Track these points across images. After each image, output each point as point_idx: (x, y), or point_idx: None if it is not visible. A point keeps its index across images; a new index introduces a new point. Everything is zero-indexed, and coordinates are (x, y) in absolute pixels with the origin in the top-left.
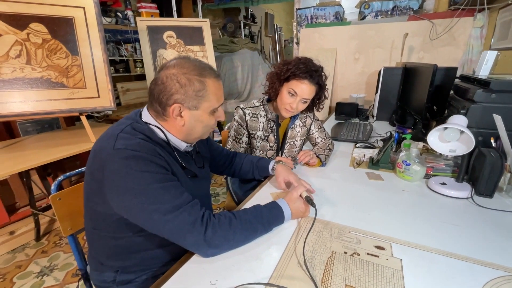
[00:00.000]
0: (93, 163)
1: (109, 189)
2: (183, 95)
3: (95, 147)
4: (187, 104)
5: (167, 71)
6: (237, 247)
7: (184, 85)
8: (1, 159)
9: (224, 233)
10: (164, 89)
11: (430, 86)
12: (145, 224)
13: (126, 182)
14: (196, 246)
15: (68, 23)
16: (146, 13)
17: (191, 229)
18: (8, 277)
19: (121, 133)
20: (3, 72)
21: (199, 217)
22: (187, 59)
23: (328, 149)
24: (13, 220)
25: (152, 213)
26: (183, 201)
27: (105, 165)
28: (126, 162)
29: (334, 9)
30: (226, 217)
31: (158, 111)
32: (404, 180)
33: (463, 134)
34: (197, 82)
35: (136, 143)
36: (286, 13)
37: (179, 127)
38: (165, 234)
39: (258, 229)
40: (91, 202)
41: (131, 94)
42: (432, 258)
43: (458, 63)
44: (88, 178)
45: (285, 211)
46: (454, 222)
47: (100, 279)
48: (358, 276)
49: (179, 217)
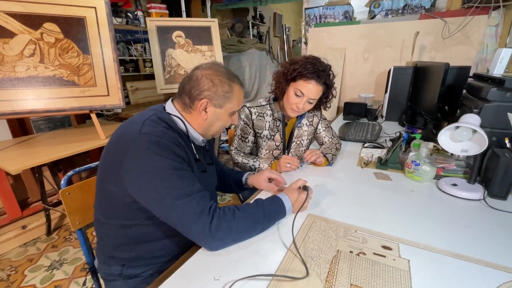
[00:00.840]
0: (116, 145)
1: (127, 169)
2: (214, 93)
3: (119, 131)
4: (214, 102)
5: (203, 71)
6: (241, 240)
7: (216, 85)
8: (15, 155)
9: (228, 224)
10: (197, 85)
11: (441, 85)
12: (155, 207)
13: (145, 164)
14: (201, 236)
15: (80, 22)
16: (156, 13)
17: (197, 218)
18: (20, 270)
19: (147, 120)
20: (18, 71)
21: (207, 208)
22: (220, 65)
23: (335, 149)
24: (25, 214)
25: (164, 197)
26: (194, 190)
27: (129, 146)
28: (149, 145)
29: (343, 8)
30: (230, 209)
31: (186, 104)
32: (413, 181)
33: (476, 134)
34: (226, 85)
35: (160, 130)
36: (295, 13)
37: (201, 121)
38: (172, 220)
39: (260, 220)
40: (106, 183)
41: (140, 93)
42: (441, 259)
43: (472, 62)
44: (107, 160)
45: (285, 201)
46: (466, 224)
47: (107, 272)
48: (364, 275)
49: (187, 204)
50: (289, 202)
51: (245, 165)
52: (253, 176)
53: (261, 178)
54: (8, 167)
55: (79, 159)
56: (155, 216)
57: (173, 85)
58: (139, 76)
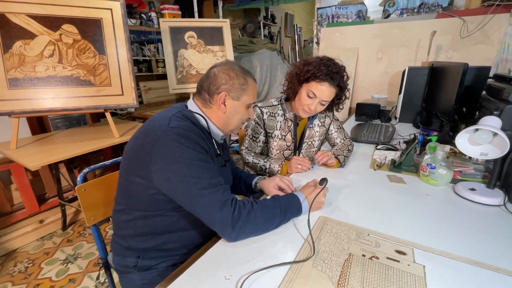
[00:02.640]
0: (144, 138)
1: (156, 160)
2: (231, 86)
3: (147, 125)
4: (232, 94)
5: (219, 67)
6: (258, 232)
7: (232, 78)
8: (34, 151)
9: (247, 215)
10: (215, 80)
11: (459, 86)
12: (182, 196)
13: (175, 154)
14: (223, 225)
15: (96, 24)
16: (169, 14)
17: (222, 207)
18: (37, 263)
19: (173, 116)
20: (38, 70)
21: (230, 199)
22: (234, 62)
23: (348, 150)
24: (42, 209)
25: (191, 186)
26: (219, 181)
27: (158, 139)
28: (178, 138)
29: (357, 8)
30: (248, 201)
31: (205, 99)
32: (428, 184)
33: (496, 137)
34: (242, 77)
35: (187, 125)
36: (307, 13)
37: (220, 114)
38: (197, 209)
39: (276, 214)
40: (132, 175)
41: (153, 93)
42: (458, 266)
43: (492, 62)
44: (133, 153)
45: (300, 198)
46: (484, 230)
47: (122, 263)
48: (377, 280)
49: (213, 194)
50: (304, 199)
51: (256, 165)
52: (264, 181)
53: (271, 185)
54: (28, 163)
55: (93, 156)
56: (177, 207)
57: (185, 85)
58: (151, 76)
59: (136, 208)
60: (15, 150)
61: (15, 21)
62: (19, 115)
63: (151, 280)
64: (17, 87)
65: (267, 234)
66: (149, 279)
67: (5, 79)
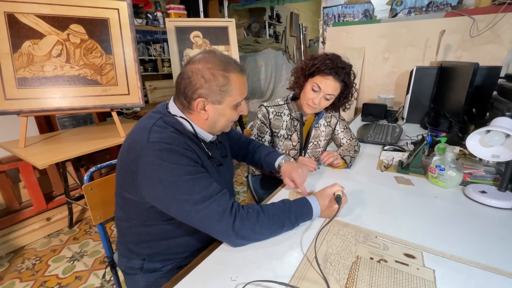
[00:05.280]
0: (127, 155)
1: (142, 180)
2: (207, 89)
3: (128, 140)
4: (211, 99)
5: (193, 65)
6: (264, 240)
7: (209, 80)
8: (42, 150)
9: (251, 226)
10: (189, 83)
11: (469, 86)
12: (176, 214)
13: (159, 174)
14: (225, 236)
15: (103, 24)
16: (175, 14)
17: (220, 219)
18: (44, 260)
19: (154, 126)
20: (46, 70)
21: (228, 207)
22: (212, 54)
23: (354, 151)
24: (50, 207)
25: (183, 204)
26: (213, 191)
27: (139, 157)
28: (159, 154)
29: (363, 7)
30: (254, 210)
31: (184, 104)
32: (437, 186)
33: (509, 138)
34: (221, 77)
35: (169, 136)
36: (312, 12)
37: (203, 120)
38: (195, 224)
39: (285, 224)
40: (124, 191)
41: (158, 93)
42: (470, 271)
43: (502, 62)
44: (122, 169)
45: (314, 207)
46: (496, 234)
47: (128, 265)
48: (386, 283)
49: (209, 207)
50: (318, 207)
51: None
52: (287, 166)
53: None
54: (36, 161)
55: (99, 155)
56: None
57: None
58: (157, 76)
59: (135, 219)
60: (24, 148)
61: (24, 21)
62: (28, 114)
63: (156, 282)
64: (25, 87)
65: None
66: (154, 281)
67: (14, 78)
